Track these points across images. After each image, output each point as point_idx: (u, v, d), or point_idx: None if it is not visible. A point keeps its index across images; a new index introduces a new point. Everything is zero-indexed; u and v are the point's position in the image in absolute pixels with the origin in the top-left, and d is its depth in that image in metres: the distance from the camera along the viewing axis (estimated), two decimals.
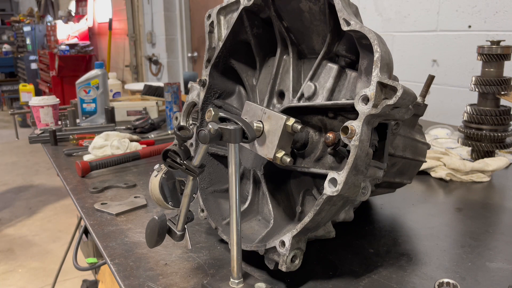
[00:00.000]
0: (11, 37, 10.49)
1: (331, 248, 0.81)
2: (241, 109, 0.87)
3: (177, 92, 1.76)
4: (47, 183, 4.59)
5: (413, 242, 0.85)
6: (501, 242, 0.85)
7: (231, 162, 0.63)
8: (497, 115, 1.27)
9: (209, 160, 0.88)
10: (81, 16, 7.50)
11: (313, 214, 0.62)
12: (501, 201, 1.08)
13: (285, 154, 0.65)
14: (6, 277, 2.88)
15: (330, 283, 0.70)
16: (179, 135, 0.63)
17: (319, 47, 0.75)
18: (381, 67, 0.58)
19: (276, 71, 0.81)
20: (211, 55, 0.86)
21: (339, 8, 0.63)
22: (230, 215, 0.65)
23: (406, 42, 2.08)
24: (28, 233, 3.49)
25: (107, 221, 0.96)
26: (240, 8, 0.79)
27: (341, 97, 0.73)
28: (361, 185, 0.62)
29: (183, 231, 0.68)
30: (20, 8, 12.21)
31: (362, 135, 0.59)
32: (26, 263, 3.05)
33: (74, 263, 1.06)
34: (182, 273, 0.74)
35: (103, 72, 2.04)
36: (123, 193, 1.14)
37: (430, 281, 0.70)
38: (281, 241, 0.65)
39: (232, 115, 0.65)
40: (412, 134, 0.91)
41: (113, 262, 0.78)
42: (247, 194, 0.84)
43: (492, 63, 1.27)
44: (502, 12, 1.70)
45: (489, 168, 1.21)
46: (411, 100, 0.59)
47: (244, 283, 0.66)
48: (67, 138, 1.68)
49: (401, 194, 1.08)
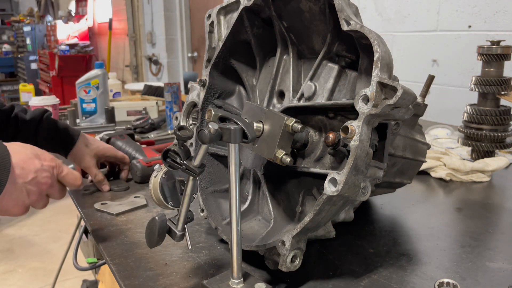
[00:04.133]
0: (11, 37, 10.49)
1: (331, 248, 0.81)
2: (241, 109, 0.87)
3: (177, 92, 1.76)
4: None
5: (413, 242, 0.85)
6: (501, 242, 0.84)
7: (231, 162, 0.63)
8: (497, 115, 1.27)
9: (209, 160, 0.88)
10: (81, 16, 7.49)
11: (313, 214, 0.62)
12: (501, 201, 1.08)
13: (285, 154, 0.65)
14: (6, 277, 2.88)
15: (330, 283, 0.70)
16: (179, 135, 0.63)
17: (319, 47, 0.75)
18: (381, 67, 0.58)
19: (276, 71, 0.81)
20: (211, 55, 0.86)
21: (339, 8, 0.63)
22: (230, 215, 0.65)
23: (406, 42, 2.08)
24: (28, 233, 3.49)
25: (107, 221, 0.96)
26: (240, 8, 0.78)
27: (341, 97, 0.73)
28: (361, 185, 0.62)
29: (183, 231, 0.68)
30: (20, 8, 12.20)
31: (362, 135, 0.59)
32: (26, 263, 3.05)
33: (74, 263, 1.06)
34: (182, 273, 0.74)
35: (103, 72, 2.04)
36: (123, 193, 1.14)
37: (430, 281, 0.70)
38: (281, 241, 0.65)
39: (232, 115, 0.65)
40: (412, 134, 0.91)
41: (113, 262, 0.78)
42: (247, 194, 0.84)
43: (492, 63, 1.27)
44: (502, 12, 1.70)
45: (489, 168, 1.21)
46: (411, 100, 0.59)
47: (244, 283, 0.66)
48: None
49: (401, 194, 1.08)
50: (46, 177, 0.78)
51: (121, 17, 5.55)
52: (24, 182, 0.75)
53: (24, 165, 0.75)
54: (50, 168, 0.79)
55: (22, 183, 0.74)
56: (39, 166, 0.77)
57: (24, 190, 0.75)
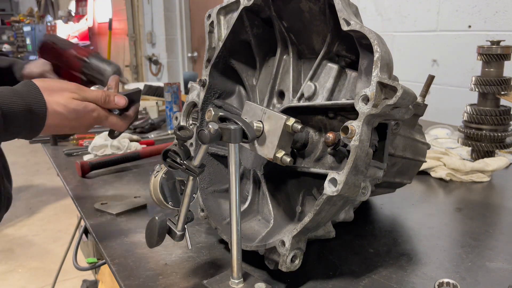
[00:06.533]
0: (11, 37, 10.49)
1: (331, 248, 0.81)
2: (241, 109, 0.87)
3: (177, 92, 1.76)
4: (47, 183, 4.58)
5: (413, 242, 0.85)
6: (501, 242, 0.84)
7: (231, 162, 0.63)
8: (497, 115, 1.27)
9: (209, 160, 0.88)
10: (81, 16, 7.49)
11: (313, 214, 0.62)
12: (501, 201, 1.08)
13: (285, 154, 0.65)
14: (6, 277, 2.88)
15: (330, 283, 0.70)
16: (179, 135, 0.63)
17: (319, 47, 0.75)
18: (381, 67, 0.58)
19: (276, 71, 0.81)
20: (211, 55, 0.86)
21: (339, 8, 0.63)
22: (230, 215, 0.65)
23: (406, 42, 2.08)
24: (28, 233, 3.49)
25: (107, 221, 0.96)
26: (240, 8, 0.78)
27: (341, 97, 0.73)
28: (361, 185, 0.62)
29: (183, 231, 0.68)
30: (20, 8, 12.20)
31: (362, 135, 0.59)
32: (26, 263, 3.05)
33: (74, 263, 1.06)
34: (182, 273, 0.74)
35: None
36: (123, 193, 1.14)
37: (430, 281, 0.70)
38: (281, 241, 0.65)
39: (232, 115, 0.65)
40: (412, 134, 0.91)
41: (113, 262, 0.78)
42: (247, 194, 0.84)
43: (492, 63, 1.27)
44: (502, 12, 1.70)
45: (489, 168, 1.21)
46: (411, 100, 0.59)
47: (244, 283, 0.66)
48: (67, 138, 1.68)
49: (401, 194, 1.08)
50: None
51: (121, 17, 5.55)
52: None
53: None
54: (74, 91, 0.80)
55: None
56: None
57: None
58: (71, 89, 0.80)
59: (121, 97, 0.88)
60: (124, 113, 0.90)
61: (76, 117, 0.79)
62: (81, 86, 0.82)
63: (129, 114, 0.90)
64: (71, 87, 0.80)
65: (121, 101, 0.86)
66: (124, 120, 0.89)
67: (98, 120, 0.83)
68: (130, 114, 0.91)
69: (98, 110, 0.83)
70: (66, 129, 0.81)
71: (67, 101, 0.78)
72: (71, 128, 0.81)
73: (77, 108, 0.79)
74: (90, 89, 0.84)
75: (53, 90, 0.77)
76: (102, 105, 0.83)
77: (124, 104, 0.87)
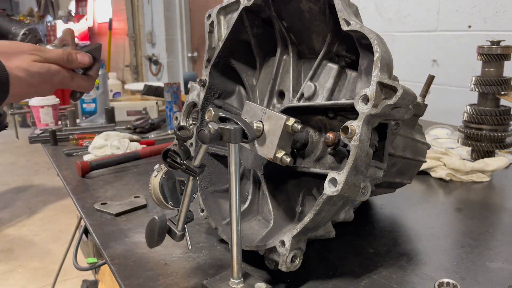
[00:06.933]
0: None
1: (331, 248, 0.81)
2: (241, 109, 0.87)
3: (177, 92, 1.76)
4: (47, 183, 4.58)
5: (413, 242, 0.85)
6: (501, 242, 0.85)
7: (231, 162, 0.63)
8: (497, 115, 1.27)
9: (209, 160, 0.88)
10: (81, 16, 7.49)
11: (313, 214, 0.62)
12: (501, 201, 1.08)
13: (285, 154, 0.65)
14: (6, 277, 2.88)
15: (330, 283, 0.70)
16: (179, 135, 0.63)
17: (319, 47, 0.75)
18: (381, 67, 0.58)
19: (276, 71, 0.81)
20: (211, 55, 0.86)
21: (339, 8, 0.63)
22: (230, 215, 0.65)
23: (406, 42, 2.08)
24: (28, 233, 3.49)
25: (107, 221, 0.96)
26: (240, 8, 0.79)
27: (341, 97, 0.73)
28: (361, 185, 0.62)
29: (183, 231, 0.68)
30: (20, 8, 12.21)
31: (362, 135, 0.59)
32: (26, 263, 3.05)
33: (74, 263, 1.06)
34: (182, 273, 0.74)
35: (103, 72, 2.03)
36: (123, 193, 1.14)
37: (430, 281, 0.70)
38: (281, 241, 0.65)
39: (232, 115, 0.65)
40: (412, 134, 0.91)
41: (113, 262, 0.78)
42: (247, 194, 0.84)
43: (492, 63, 1.27)
44: (502, 12, 1.70)
45: (489, 168, 1.21)
46: (411, 100, 0.59)
47: (244, 283, 0.66)
48: (67, 138, 1.68)
49: (401, 194, 1.08)
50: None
51: (121, 17, 5.55)
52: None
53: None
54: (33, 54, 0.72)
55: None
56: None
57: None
58: (29, 50, 0.71)
59: (84, 54, 0.79)
60: (87, 73, 0.82)
61: (40, 81, 0.72)
62: (37, 46, 0.74)
63: (92, 74, 0.83)
64: (28, 47, 0.72)
65: (85, 59, 0.78)
66: (89, 80, 0.82)
67: (63, 82, 0.76)
68: (93, 73, 0.83)
69: (63, 71, 0.75)
70: (30, 95, 0.75)
71: (28, 64, 0.70)
72: (35, 93, 0.74)
73: (40, 71, 0.72)
74: (49, 48, 0.77)
75: (9, 54, 0.69)
76: (64, 65, 0.76)
77: (88, 62, 0.79)
